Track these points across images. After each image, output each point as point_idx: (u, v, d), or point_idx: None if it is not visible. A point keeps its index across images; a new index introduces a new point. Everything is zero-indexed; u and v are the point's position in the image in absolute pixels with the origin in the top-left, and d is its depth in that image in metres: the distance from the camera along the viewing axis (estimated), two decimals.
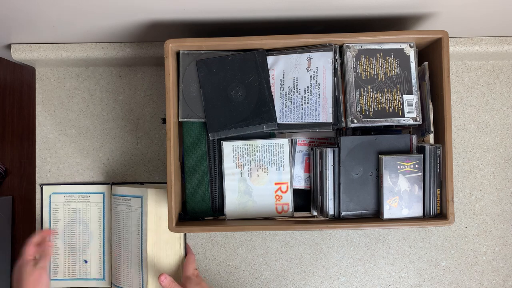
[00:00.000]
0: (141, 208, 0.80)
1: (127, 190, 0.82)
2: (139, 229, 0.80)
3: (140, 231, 0.80)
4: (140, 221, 0.80)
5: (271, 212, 0.74)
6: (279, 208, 0.74)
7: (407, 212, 0.69)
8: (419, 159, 0.69)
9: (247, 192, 0.73)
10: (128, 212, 0.81)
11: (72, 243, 0.88)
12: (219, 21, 0.73)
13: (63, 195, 0.89)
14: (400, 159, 0.68)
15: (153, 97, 0.91)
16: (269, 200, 0.74)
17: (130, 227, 0.81)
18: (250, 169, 0.73)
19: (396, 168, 0.68)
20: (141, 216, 0.80)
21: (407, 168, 0.69)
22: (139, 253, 0.80)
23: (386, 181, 0.69)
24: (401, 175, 0.69)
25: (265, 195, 0.73)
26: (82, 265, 0.87)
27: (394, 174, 0.69)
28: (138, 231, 0.80)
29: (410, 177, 0.69)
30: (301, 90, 0.72)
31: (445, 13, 0.71)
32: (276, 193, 0.74)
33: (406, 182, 0.69)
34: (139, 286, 0.80)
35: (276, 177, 0.73)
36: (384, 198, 0.69)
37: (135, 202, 0.81)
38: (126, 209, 0.81)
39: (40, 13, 0.67)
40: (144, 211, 0.79)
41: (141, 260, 0.80)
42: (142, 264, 0.80)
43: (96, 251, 0.87)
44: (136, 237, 0.80)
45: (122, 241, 0.82)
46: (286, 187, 0.74)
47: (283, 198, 0.74)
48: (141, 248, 0.80)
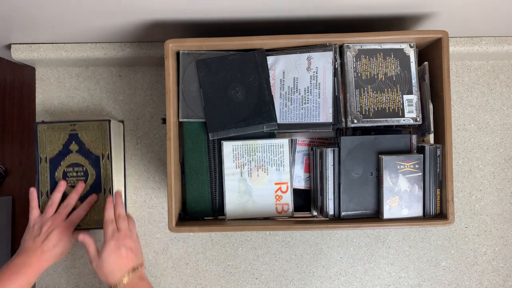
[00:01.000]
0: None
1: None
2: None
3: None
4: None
5: (271, 212, 0.74)
6: (279, 208, 0.74)
7: (407, 212, 0.69)
8: (419, 159, 0.69)
9: (247, 192, 0.73)
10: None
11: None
12: (219, 21, 0.73)
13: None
14: (400, 159, 0.68)
15: (153, 97, 0.91)
16: (269, 200, 0.73)
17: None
18: (250, 169, 0.73)
19: (396, 168, 0.68)
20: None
21: (407, 168, 0.69)
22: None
23: (386, 181, 0.69)
24: (401, 175, 0.69)
25: (265, 195, 0.73)
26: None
27: (394, 174, 0.69)
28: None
29: (410, 177, 0.69)
30: (301, 90, 0.72)
31: (445, 13, 0.71)
32: (276, 193, 0.74)
33: (406, 182, 0.69)
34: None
35: (276, 177, 0.73)
36: (384, 198, 0.69)
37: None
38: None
39: (40, 13, 0.67)
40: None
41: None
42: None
43: None
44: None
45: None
46: (286, 187, 0.74)
47: (283, 198, 0.74)
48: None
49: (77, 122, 0.81)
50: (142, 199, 0.90)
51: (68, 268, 0.89)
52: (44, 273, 0.89)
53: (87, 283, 0.89)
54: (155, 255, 0.90)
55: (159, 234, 0.90)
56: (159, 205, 0.90)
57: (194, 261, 0.90)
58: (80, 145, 0.81)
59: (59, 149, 0.81)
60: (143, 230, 0.90)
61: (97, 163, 0.81)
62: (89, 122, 0.81)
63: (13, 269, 0.69)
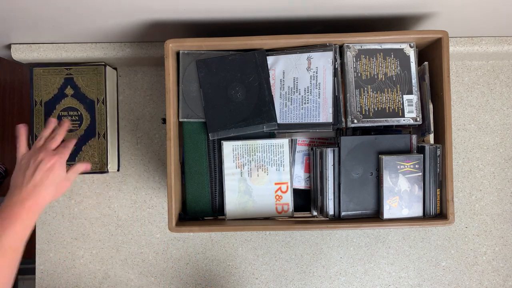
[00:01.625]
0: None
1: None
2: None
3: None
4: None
5: (271, 212, 0.74)
6: (279, 208, 0.74)
7: (407, 212, 0.69)
8: (419, 159, 0.69)
9: (247, 192, 0.73)
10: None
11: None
12: (219, 21, 0.73)
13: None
14: (400, 159, 0.68)
15: (153, 97, 0.91)
16: (269, 200, 0.73)
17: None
18: (250, 169, 0.73)
19: (396, 168, 0.68)
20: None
21: (407, 168, 0.69)
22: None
23: (386, 181, 0.69)
24: (401, 175, 0.69)
25: (265, 195, 0.73)
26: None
27: (394, 174, 0.69)
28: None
29: (410, 177, 0.69)
30: (301, 90, 0.72)
31: (445, 13, 0.71)
32: (276, 193, 0.74)
33: (406, 182, 0.69)
34: None
35: (276, 177, 0.73)
36: (384, 198, 0.69)
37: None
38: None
39: (40, 13, 0.67)
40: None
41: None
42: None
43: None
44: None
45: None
46: (286, 187, 0.73)
47: (283, 198, 0.74)
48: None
49: (73, 66, 0.81)
50: (142, 199, 0.90)
51: (68, 268, 0.89)
52: (44, 273, 0.89)
53: (87, 283, 0.89)
54: (155, 255, 0.90)
55: (159, 234, 0.90)
56: (159, 205, 0.90)
57: (194, 261, 0.90)
58: (76, 89, 0.81)
59: (54, 92, 0.81)
60: (143, 230, 0.90)
61: (91, 108, 0.81)
62: (85, 67, 0.81)
63: (3, 214, 0.59)
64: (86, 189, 0.90)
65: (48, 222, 0.90)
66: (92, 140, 0.80)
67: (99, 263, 0.90)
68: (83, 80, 0.80)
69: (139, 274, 0.90)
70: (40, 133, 0.70)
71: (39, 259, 0.90)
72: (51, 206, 0.90)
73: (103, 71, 0.80)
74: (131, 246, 0.90)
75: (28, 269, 1.78)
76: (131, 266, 0.90)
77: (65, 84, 0.81)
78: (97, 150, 0.81)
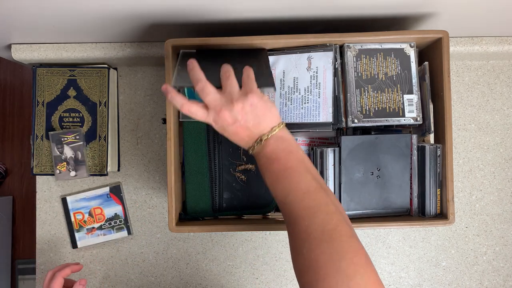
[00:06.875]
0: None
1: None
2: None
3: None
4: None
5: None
6: None
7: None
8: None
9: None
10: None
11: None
12: (219, 21, 0.73)
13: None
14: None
15: (153, 97, 0.91)
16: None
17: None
18: None
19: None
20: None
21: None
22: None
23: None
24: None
25: None
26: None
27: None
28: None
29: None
30: (301, 89, 0.72)
31: (445, 13, 0.71)
32: None
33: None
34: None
35: None
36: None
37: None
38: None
39: (40, 13, 0.67)
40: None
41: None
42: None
43: None
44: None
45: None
46: None
47: None
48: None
49: (76, 68, 0.81)
50: (142, 199, 0.90)
51: None
52: (45, 273, 0.89)
53: (87, 283, 0.89)
54: (155, 255, 0.90)
55: (159, 234, 0.90)
56: (159, 205, 0.90)
57: (194, 261, 0.90)
58: (78, 90, 0.81)
59: (56, 93, 0.81)
60: (143, 230, 0.90)
61: (93, 110, 0.81)
62: (88, 69, 0.81)
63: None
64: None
65: (48, 222, 0.90)
66: (93, 143, 0.80)
67: (99, 263, 0.90)
68: (86, 82, 0.80)
69: (139, 274, 0.90)
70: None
71: (39, 259, 0.90)
72: (51, 206, 0.90)
73: (107, 74, 0.81)
74: (131, 246, 0.90)
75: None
76: (131, 266, 0.90)
77: (68, 85, 0.81)
78: (98, 152, 0.82)
